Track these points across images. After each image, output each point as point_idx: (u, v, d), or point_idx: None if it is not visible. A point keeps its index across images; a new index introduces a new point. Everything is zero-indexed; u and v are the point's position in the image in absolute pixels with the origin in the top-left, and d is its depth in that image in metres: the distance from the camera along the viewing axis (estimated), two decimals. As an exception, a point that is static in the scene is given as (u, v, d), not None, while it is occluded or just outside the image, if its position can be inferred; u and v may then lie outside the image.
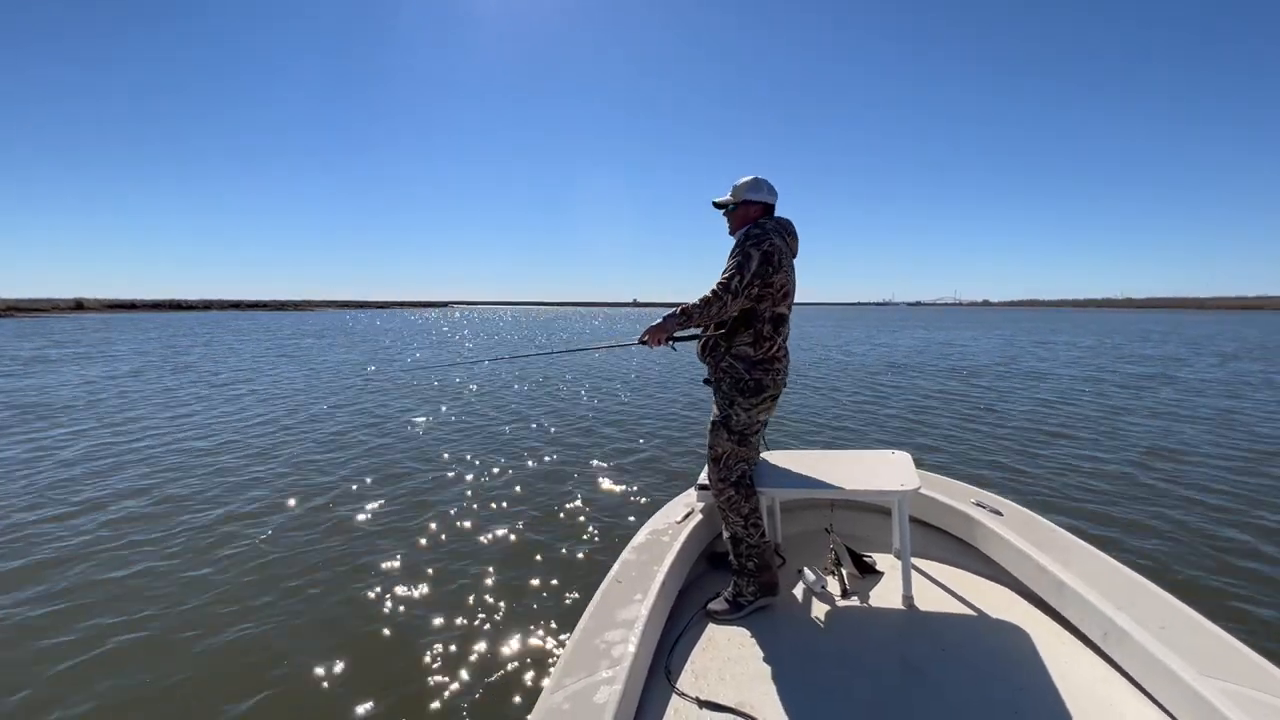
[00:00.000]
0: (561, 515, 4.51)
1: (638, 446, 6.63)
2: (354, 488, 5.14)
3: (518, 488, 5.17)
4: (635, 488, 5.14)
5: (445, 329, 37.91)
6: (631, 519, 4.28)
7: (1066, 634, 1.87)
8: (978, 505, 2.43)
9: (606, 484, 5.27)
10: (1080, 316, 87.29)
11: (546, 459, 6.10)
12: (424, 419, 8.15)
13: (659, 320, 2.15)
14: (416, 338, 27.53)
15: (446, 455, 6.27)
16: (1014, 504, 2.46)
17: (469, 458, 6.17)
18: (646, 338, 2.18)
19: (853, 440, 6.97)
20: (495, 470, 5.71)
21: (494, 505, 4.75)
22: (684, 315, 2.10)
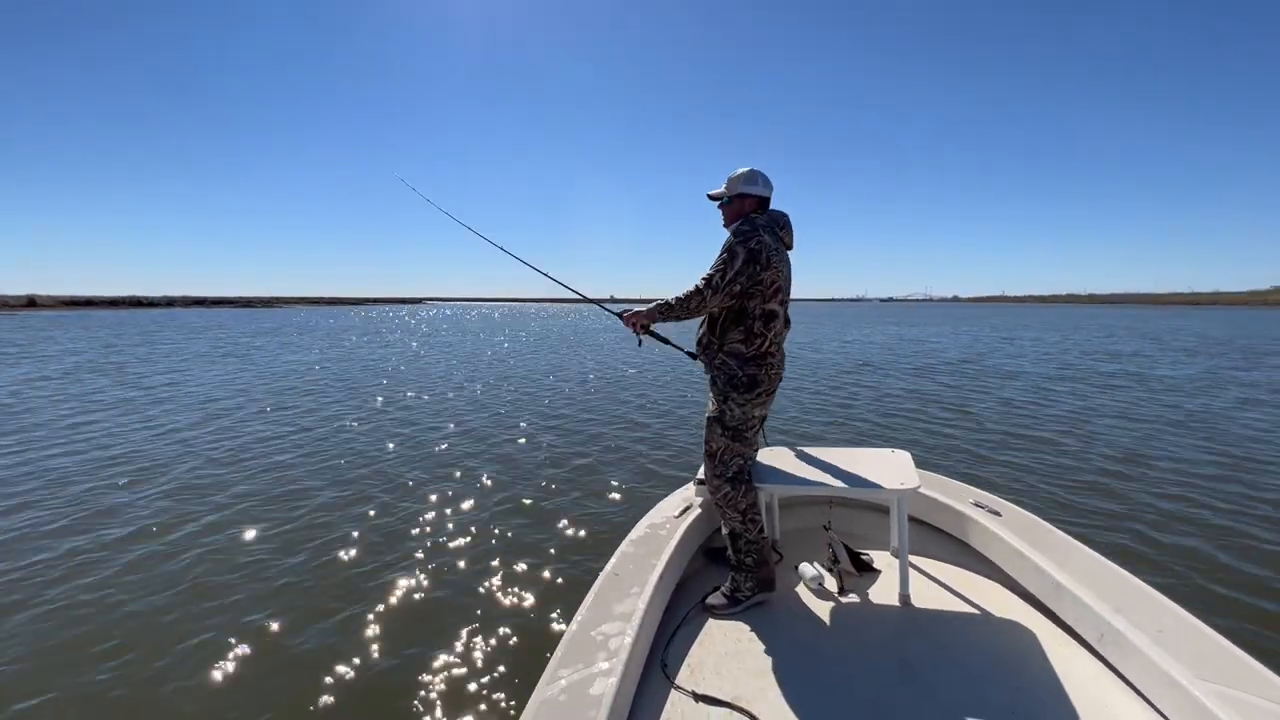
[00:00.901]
0: (558, 509, 4.49)
1: (636, 441, 6.63)
2: (339, 484, 5.02)
3: (513, 481, 5.13)
4: (633, 482, 5.14)
5: (418, 326, 37.15)
6: (629, 513, 4.28)
7: (1063, 635, 1.88)
8: (976, 505, 2.46)
9: (604, 478, 5.25)
10: (1046, 312, 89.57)
11: (543, 453, 6.06)
12: (408, 412, 8.01)
13: (643, 309, 2.20)
14: (375, 336, 26.80)
15: (437, 449, 6.19)
16: (1013, 505, 2.48)
17: (460, 452, 6.10)
18: (627, 316, 2.27)
19: (826, 441, 7.01)
20: (489, 465, 5.65)
21: (488, 499, 4.71)
22: (664, 308, 2.15)
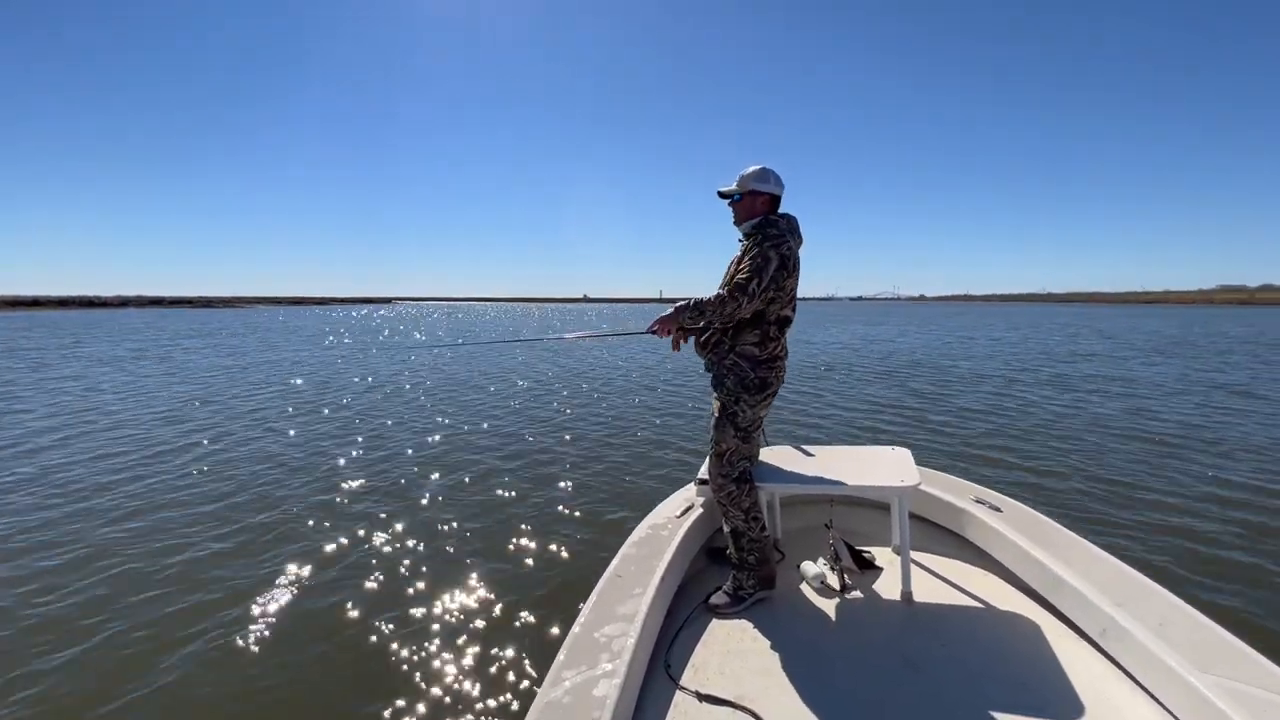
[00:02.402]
0: (560, 510, 4.47)
1: (636, 442, 6.60)
2: (340, 484, 4.90)
3: (514, 484, 5.08)
4: (634, 483, 5.12)
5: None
6: (631, 514, 4.25)
7: (1065, 630, 1.89)
8: (977, 502, 2.46)
9: (605, 479, 5.23)
10: (1010, 311, 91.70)
11: (544, 456, 6.01)
12: (406, 415, 7.84)
13: (670, 310, 2.12)
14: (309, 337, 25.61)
15: (434, 452, 6.09)
16: (1013, 501, 2.49)
17: (461, 454, 6.01)
18: (656, 327, 2.16)
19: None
20: (491, 467, 5.58)
21: (490, 502, 4.66)
22: (696, 310, 2.06)
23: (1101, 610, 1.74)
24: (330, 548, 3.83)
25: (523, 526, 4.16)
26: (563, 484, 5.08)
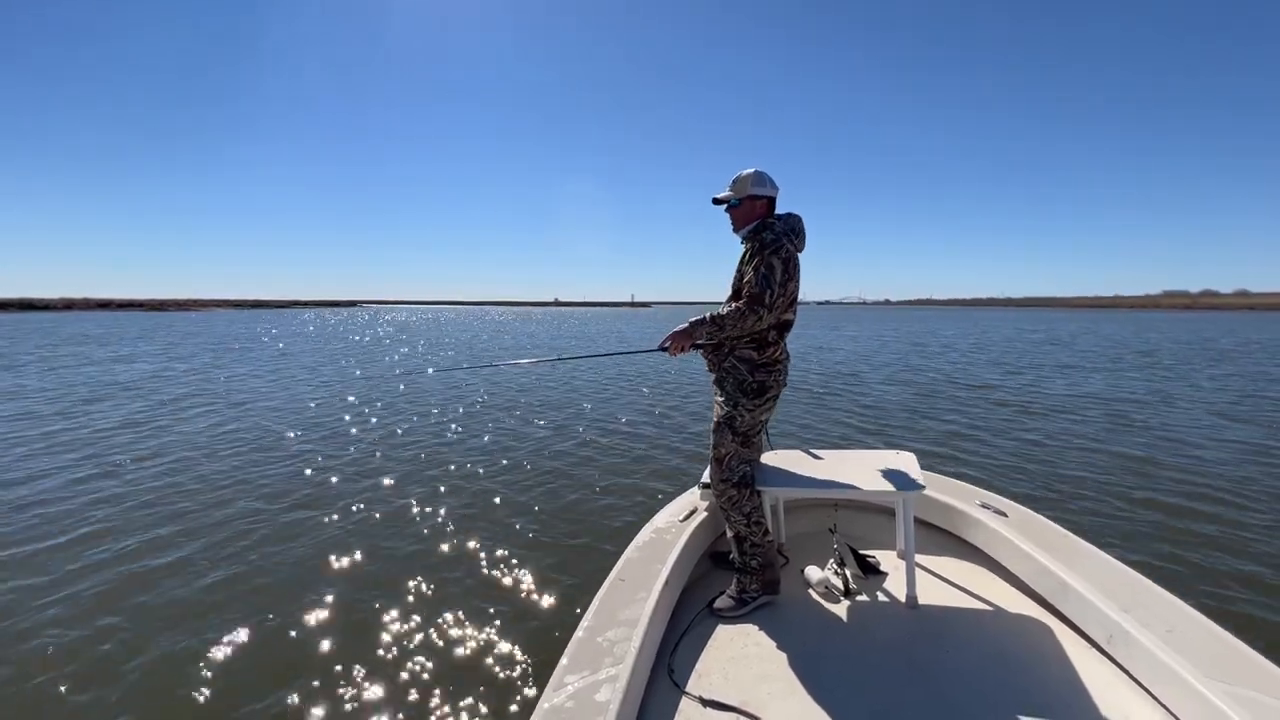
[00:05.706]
0: (563, 514, 4.43)
1: (639, 445, 6.54)
2: (341, 486, 4.87)
3: (517, 488, 5.02)
4: (637, 486, 5.08)
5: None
6: (634, 518, 4.22)
7: (1071, 636, 1.87)
8: (982, 506, 2.45)
9: (609, 483, 5.18)
10: (974, 314, 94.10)
11: (546, 459, 5.94)
12: (412, 423, 7.66)
13: (684, 325, 2.06)
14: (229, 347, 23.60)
15: (437, 457, 5.98)
16: (1019, 505, 2.48)
17: (463, 459, 5.91)
18: (669, 344, 2.10)
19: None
20: (493, 471, 5.50)
21: (493, 506, 4.61)
22: (715, 324, 2.03)
23: (1108, 616, 1.72)
24: (327, 555, 3.73)
25: (524, 531, 4.11)
26: (565, 488, 5.02)
